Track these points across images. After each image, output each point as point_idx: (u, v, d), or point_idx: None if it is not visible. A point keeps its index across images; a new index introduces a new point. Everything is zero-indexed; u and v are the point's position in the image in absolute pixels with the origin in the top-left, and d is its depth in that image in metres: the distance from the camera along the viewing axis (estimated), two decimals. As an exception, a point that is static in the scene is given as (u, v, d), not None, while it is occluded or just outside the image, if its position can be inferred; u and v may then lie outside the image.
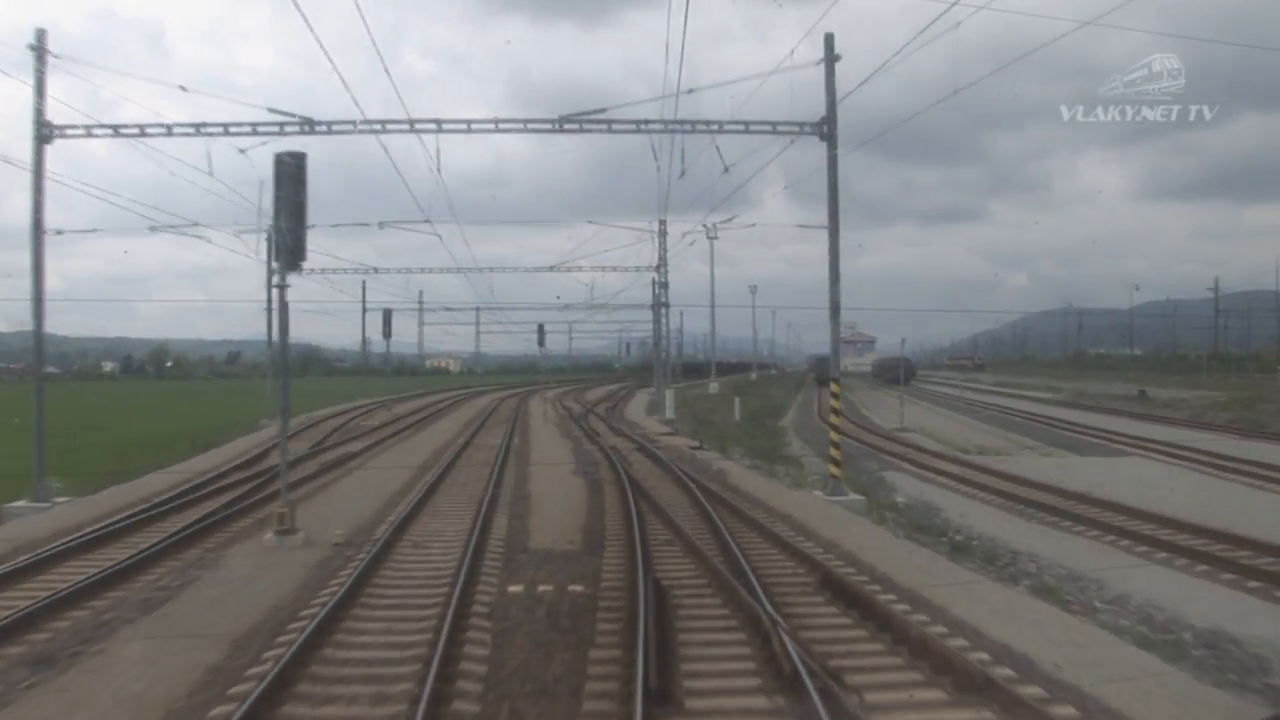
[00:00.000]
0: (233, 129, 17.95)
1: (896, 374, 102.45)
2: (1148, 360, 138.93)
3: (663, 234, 40.88)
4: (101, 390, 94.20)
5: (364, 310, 62.45)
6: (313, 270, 43.79)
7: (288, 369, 14.49)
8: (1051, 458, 29.40)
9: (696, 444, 28.39)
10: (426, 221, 24.25)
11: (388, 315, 45.74)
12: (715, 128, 18.22)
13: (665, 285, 41.45)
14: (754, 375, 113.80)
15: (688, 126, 18.19)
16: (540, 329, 60.34)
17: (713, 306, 62.58)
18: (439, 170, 19.37)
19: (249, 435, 34.31)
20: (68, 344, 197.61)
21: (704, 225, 62.03)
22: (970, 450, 31.71)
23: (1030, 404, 60.09)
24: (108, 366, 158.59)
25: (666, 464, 22.56)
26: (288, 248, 14.16)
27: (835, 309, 18.14)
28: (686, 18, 19.36)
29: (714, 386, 75.30)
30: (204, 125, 18.09)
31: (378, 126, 18.18)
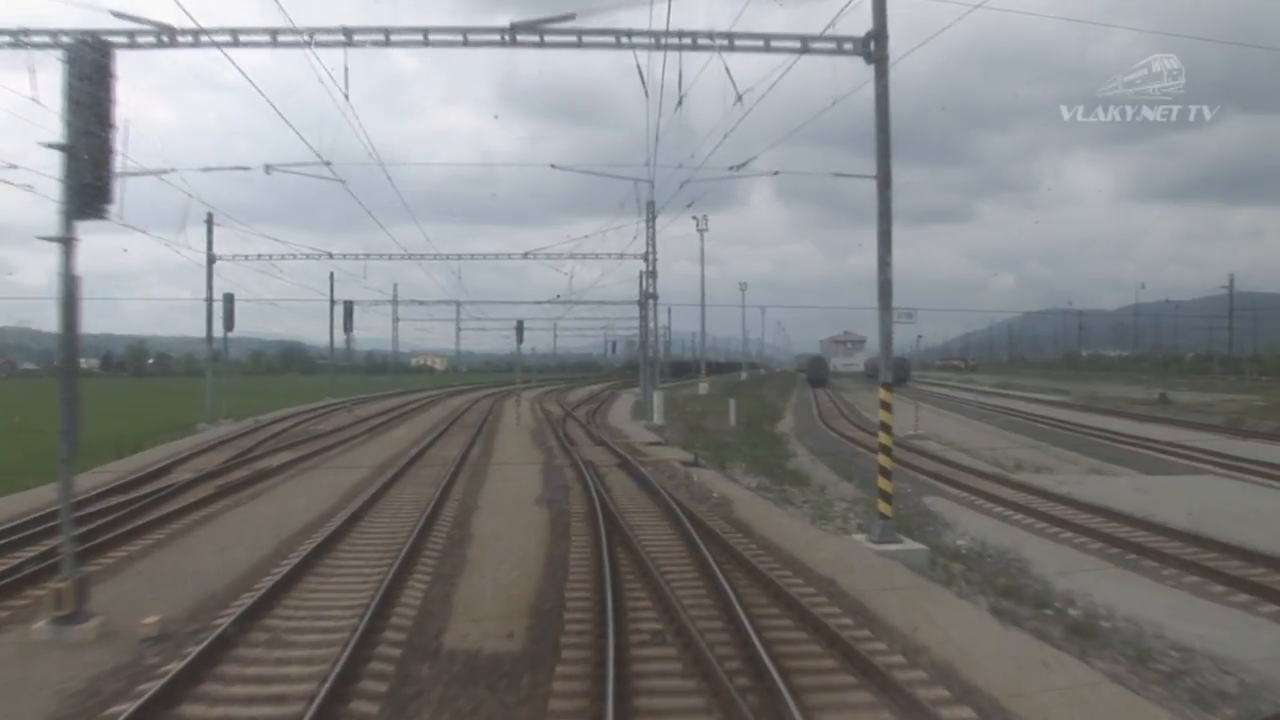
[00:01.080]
0: (65, 37, 12.85)
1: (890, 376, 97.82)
2: (1142, 361, 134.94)
3: (651, 215, 35.85)
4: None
5: (331, 304, 57.31)
6: (260, 256, 38.69)
7: (76, 369, 9.40)
8: (1110, 476, 24.48)
9: (691, 458, 23.41)
10: (327, 164, 19.03)
11: (349, 308, 40.65)
12: (724, 43, 13.22)
13: (653, 274, 36.49)
14: (744, 375, 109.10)
15: (687, 40, 13.18)
16: (519, 326, 55.15)
17: (703, 302, 57.63)
18: (346, 97, 14.24)
19: (177, 440, 29.43)
20: (52, 340, 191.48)
21: (695, 218, 57.05)
22: (1008, 465, 26.82)
23: (1044, 408, 55.20)
24: (86, 363, 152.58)
25: (655, 488, 17.58)
26: (81, 183, 9.15)
27: (885, 291, 13.20)
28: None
29: (704, 387, 70.41)
30: (26, 32, 13.03)
31: (264, 38, 13.13)
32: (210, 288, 36.52)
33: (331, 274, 57.04)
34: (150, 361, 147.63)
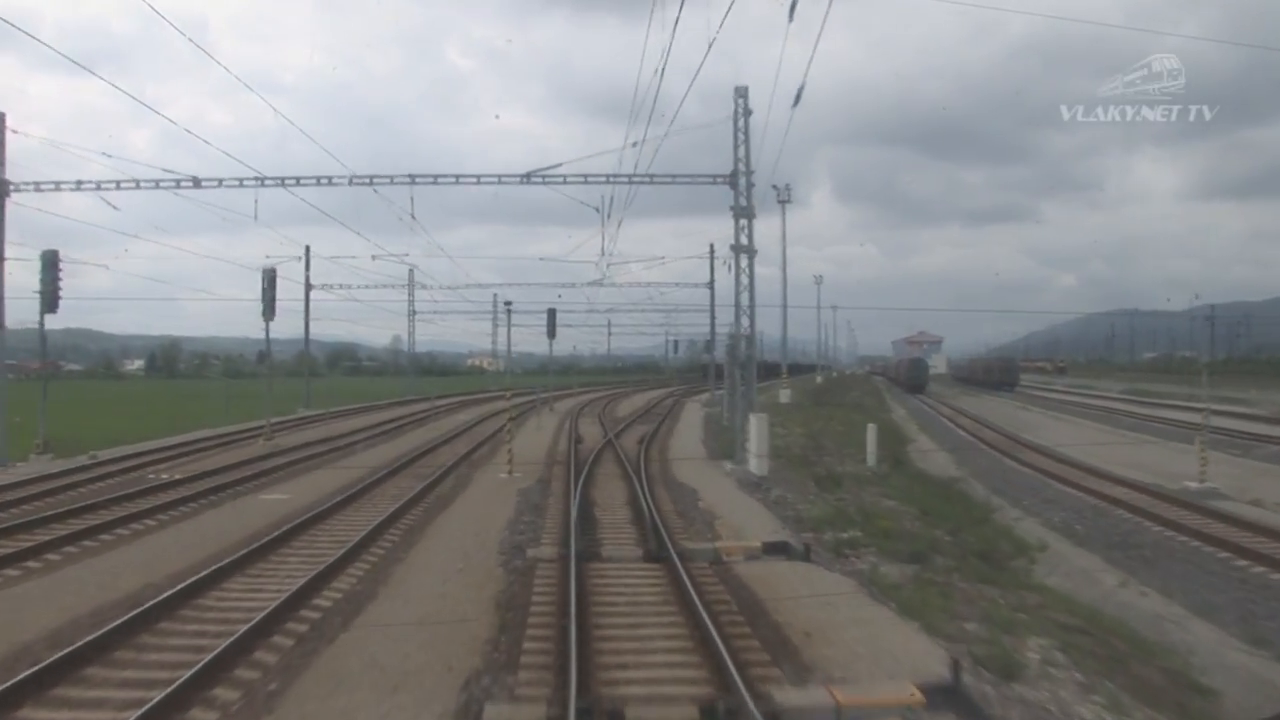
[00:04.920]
0: None
1: (997, 377, 78.09)
2: (1246, 363, 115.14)
3: (743, 111, 19.56)
4: (63, 390, 75.08)
5: (307, 288, 42.06)
6: (101, 185, 22.80)
7: None
8: None
9: (944, 673, 6.92)
10: None
11: (270, 278, 24.75)
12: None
13: (749, 211, 19.88)
14: (819, 378, 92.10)
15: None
16: (550, 315, 39.48)
17: (785, 293, 41.02)
18: None
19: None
20: (112, 341, 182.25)
21: (775, 186, 41.40)
22: None
23: (1264, 425, 37.51)
24: (132, 365, 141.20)
25: None
26: None
27: None
28: None
29: (785, 394, 53.84)
30: None
31: None
32: None
33: (307, 248, 41.94)
34: (197, 363, 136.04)
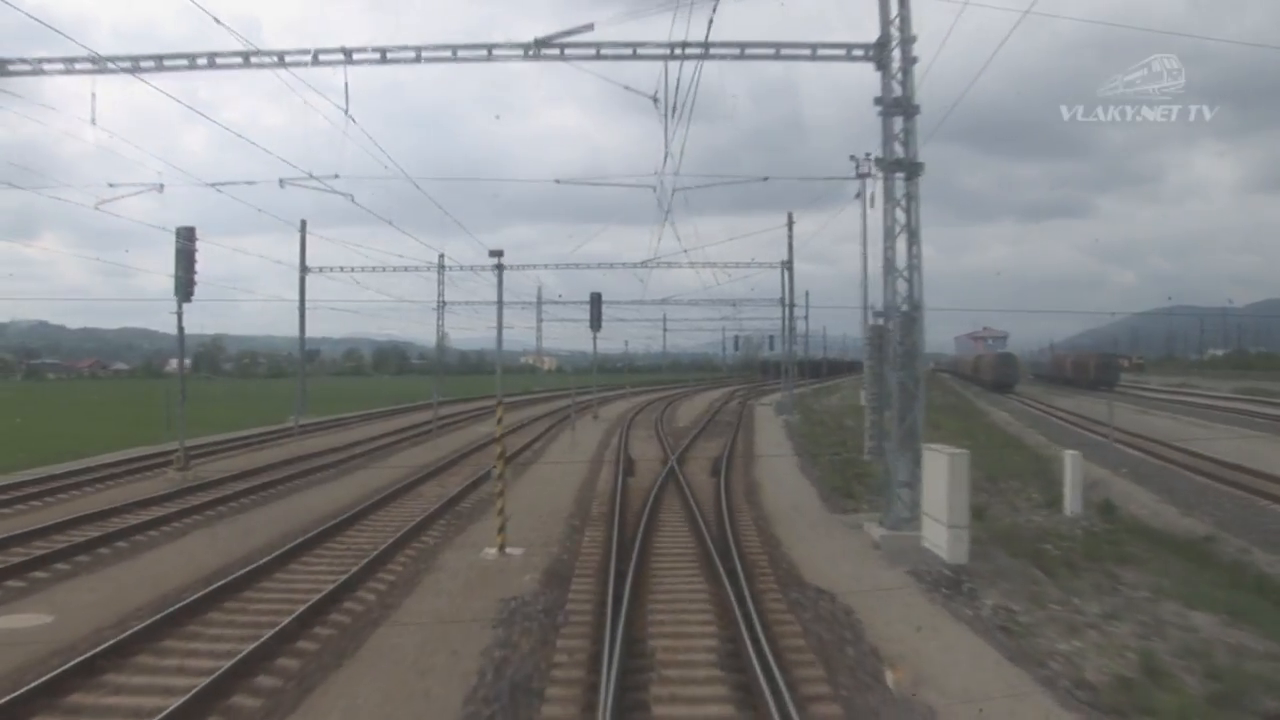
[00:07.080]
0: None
1: (1093, 375, 66.36)
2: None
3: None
4: (76, 392, 69.56)
5: (301, 271, 34.66)
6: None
7: None
8: None
9: None
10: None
11: (184, 245, 16.84)
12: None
13: (909, 104, 11.50)
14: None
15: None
16: (595, 300, 31.46)
17: (864, 270, 32.85)
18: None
19: None
20: (165, 340, 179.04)
21: (852, 158, 32.51)
22: None
23: None
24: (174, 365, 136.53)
25: None
26: None
27: None
28: None
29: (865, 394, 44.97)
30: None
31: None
32: None
33: (304, 224, 34.30)
34: (246, 362, 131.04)
